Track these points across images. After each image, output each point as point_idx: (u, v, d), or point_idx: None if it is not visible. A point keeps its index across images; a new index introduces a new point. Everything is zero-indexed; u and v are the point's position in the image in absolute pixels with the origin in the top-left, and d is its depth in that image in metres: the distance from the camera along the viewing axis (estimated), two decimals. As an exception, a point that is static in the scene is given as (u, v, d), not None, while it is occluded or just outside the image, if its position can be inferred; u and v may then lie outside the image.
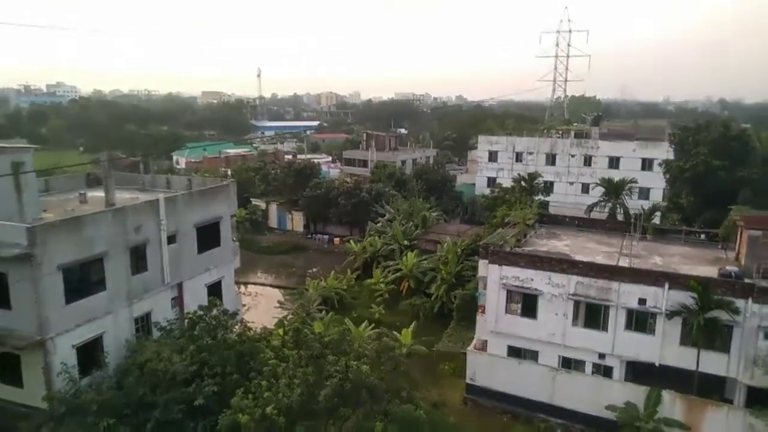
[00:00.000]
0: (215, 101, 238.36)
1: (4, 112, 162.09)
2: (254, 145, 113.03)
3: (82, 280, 21.63)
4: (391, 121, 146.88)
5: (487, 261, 28.45)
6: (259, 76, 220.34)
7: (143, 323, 24.49)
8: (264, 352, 21.28)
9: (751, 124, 52.35)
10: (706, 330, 23.30)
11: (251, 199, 65.93)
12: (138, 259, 24.03)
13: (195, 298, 26.65)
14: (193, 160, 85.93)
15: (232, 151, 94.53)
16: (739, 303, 23.27)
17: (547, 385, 27.48)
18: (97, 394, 19.11)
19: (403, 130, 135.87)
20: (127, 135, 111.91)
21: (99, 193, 28.25)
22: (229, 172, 71.77)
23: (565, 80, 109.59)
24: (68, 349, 20.96)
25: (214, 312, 22.96)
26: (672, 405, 24.38)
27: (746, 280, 24.28)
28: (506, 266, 28.05)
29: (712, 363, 24.18)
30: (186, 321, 23.16)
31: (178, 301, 26.52)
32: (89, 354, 21.82)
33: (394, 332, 33.69)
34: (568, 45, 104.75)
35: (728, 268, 25.85)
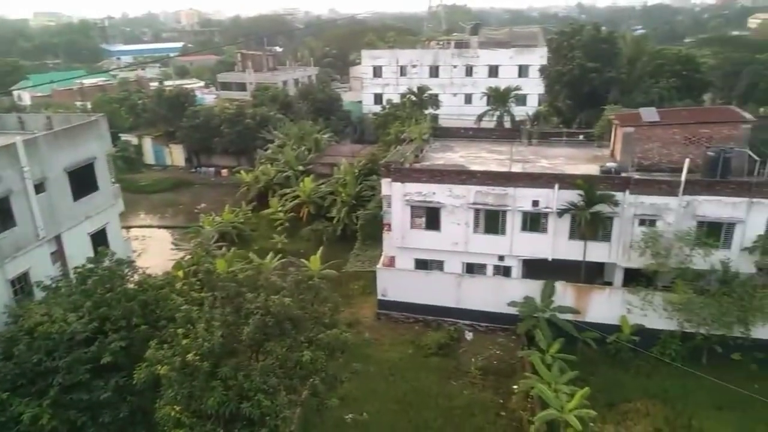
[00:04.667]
0: (53, 23, 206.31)
1: None
2: (112, 73, 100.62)
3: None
4: (264, 39, 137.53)
5: (389, 179, 28.47)
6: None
7: (22, 284, 21.67)
8: (171, 299, 19.94)
9: (605, 26, 55.50)
10: (592, 223, 25.62)
11: (120, 135, 59.55)
12: (2, 213, 20.77)
13: (79, 250, 23.94)
14: (40, 95, 74.80)
15: (88, 81, 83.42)
16: (618, 196, 25.67)
17: (453, 291, 29.08)
18: (-19, 372, 16.86)
19: (278, 49, 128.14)
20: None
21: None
22: (89, 106, 63.81)
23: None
24: (-68, 326, 18.07)
25: (107, 263, 20.86)
26: (564, 294, 27.06)
27: (623, 174, 26.74)
28: (409, 183, 28.32)
29: (596, 252, 26.87)
30: (74, 276, 20.83)
31: (59, 256, 23.69)
32: (-40, 328, 19.04)
33: (302, 260, 33.35)
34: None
35: (608, 164, 28.25)
